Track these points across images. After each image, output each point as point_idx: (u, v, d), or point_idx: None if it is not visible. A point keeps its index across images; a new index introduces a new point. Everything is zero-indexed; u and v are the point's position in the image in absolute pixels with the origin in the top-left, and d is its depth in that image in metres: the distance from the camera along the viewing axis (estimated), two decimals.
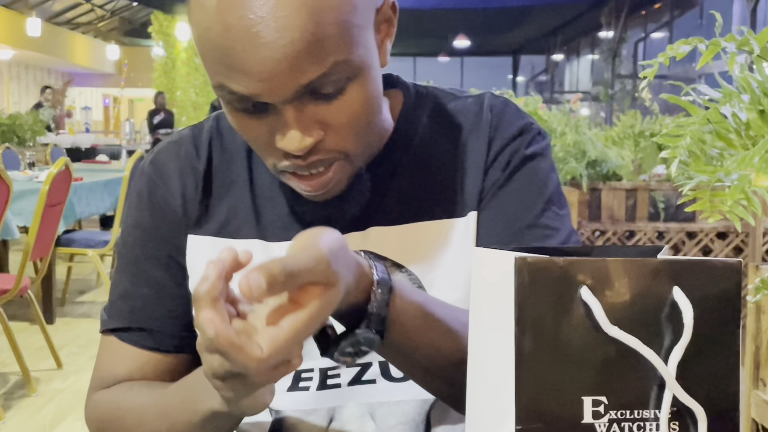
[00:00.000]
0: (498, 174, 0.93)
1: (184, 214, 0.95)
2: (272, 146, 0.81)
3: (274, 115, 0.79)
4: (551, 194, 0.94)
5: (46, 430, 3.24)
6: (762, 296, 1.22)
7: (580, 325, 0.57)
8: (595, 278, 0.57)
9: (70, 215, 4.60)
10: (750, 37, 1.06)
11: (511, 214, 0.92)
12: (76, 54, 22.47)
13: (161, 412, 0.86)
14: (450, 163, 0.95)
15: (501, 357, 0.58)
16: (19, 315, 4.75)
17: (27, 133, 9.00)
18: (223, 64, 0.76)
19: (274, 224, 0.94)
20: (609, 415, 0.57)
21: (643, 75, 1.18)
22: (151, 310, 0.95)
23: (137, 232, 0.97)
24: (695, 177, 1.09)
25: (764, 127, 1.12)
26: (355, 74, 0.78)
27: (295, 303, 0.65)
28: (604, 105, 15.97)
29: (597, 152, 4.00)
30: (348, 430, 0.93)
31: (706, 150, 1.14)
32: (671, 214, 3.94)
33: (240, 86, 0.76)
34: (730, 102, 1.15)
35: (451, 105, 0.98)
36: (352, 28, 0.76)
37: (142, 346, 0.95)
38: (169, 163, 0.97)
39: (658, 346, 0.58)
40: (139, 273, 0.96)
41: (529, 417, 0.56)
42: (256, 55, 0.73)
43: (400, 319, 0.75)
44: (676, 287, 0.58)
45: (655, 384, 0.58)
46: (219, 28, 0.74)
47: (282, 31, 0.72)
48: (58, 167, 3.82)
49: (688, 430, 0.59)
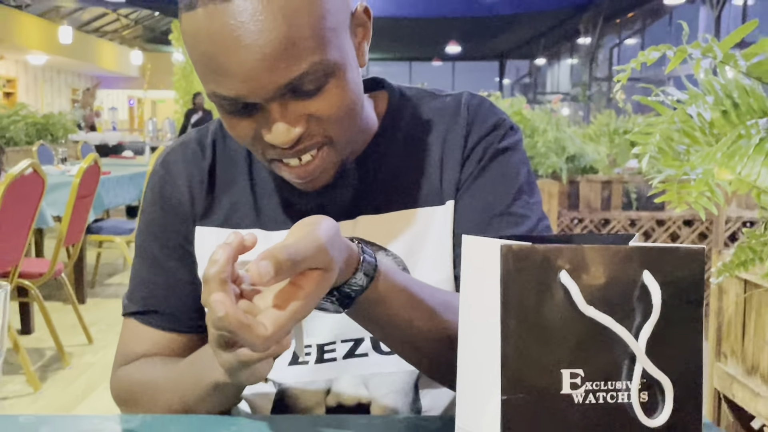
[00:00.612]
0: (473, 166, 0.94)
1: (191, 208, 0.96)
2: (262, 141, 0.82)
3: (261, 114, 0.80)
4: (522, 184, 0.94)
5: (79, 399, 3.25)
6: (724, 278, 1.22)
7: (560, 306, 0.57)
8: (573, 263, 0.57)
9: (99, 205, 4.60)
10: (714, 44, 1.06)
11: (485, 203, 0.92)
12: (104, 59, 22.40)
13: (173, 385, 0.88)
14: (431, 157, 0.95)
15: (488, 335, 0.58)
16: (54, 296, 4.75)
17: (59, 131, 8.98)
18: (211, 69, 0.77)
19: (272, 215, 0.95)
20: (585, 386, 0.57)
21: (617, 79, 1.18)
22: (165, 296, 0.97)
23: (152, 226, 0.98)
24: (664, 171, 1.09)
25: (726, 125, 1.12)
26: (333, 72, 0.79)
27: (295, 285, 0.66)
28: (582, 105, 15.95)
29: (575, 148, 4.00)
30: (344, 398, 0.93)
31: (674, 146, 1.14)
32: (642, 203, 3.95)
33: (227, 89, 0.77)
34: (696, 103, 1.15)
35: (431, 104, 0.98)
36: (325, 31, 0.77)
37: (158, 327, 0.96)
38: (177, 163, 0.98)
39: (629, 324, 0.58)
40: (154, 263, 0.98)
41: (513, 388, 0.56)
42: (237, 58, 0.74)
43: (384, 296, 0.75)
44: (646, 271, 0.59)
45: (627, 358, 0.58)
46: (205, 35, 0.75)
47: (260, 34, 0.73)
48: (88, 162, 3.82)
49: (657, 400, 0.59)
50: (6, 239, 2.90)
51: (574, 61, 19.53)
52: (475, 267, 0.61)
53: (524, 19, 17.92)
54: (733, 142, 1.06)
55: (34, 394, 3.25)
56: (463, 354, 0.63)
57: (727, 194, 1.05)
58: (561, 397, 0.57)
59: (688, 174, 1.04)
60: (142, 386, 0.93)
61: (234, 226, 0.95)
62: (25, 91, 19.59)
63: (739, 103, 1.12)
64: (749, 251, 1.18)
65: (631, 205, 3.95)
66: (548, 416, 0.57)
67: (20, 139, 7.79)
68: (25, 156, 5.74)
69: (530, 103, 5.57)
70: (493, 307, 0.57)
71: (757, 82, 1.11)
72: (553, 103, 4.98)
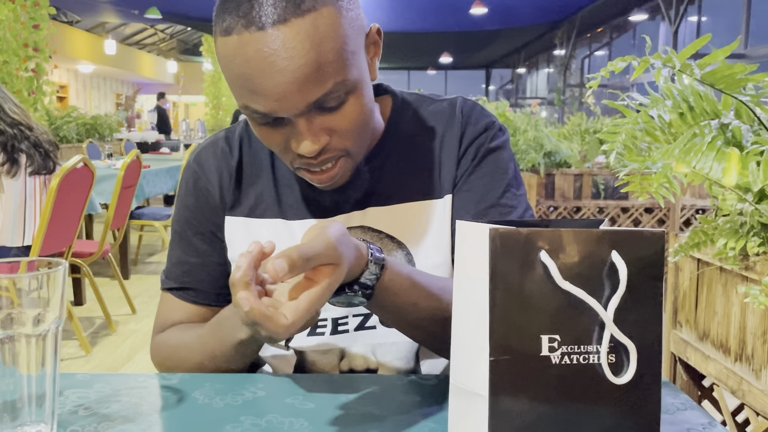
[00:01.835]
0: (468, 164, 0.93)
1: (221, 199, 0.96)
2: (289, 150, 0.82)
3: (289, 126, 0.79)
4: (510, 179, 0.94)
5: (124, 361, 3.26)
6: (680, 258, 1.22)
7: (540, 281, 0.57)
8: (551, 244, 0.57)
9: (141, 195, 4.60)
10: (672, 56, 1.06)
11: (479, 196, 0.92)
12: (144, 68, 22.34)
13: (202, 346, 0.88)
14: (430, 155, 0.95)
15: (478, 305, 0.58)
16: (102, 272, 4.76)
17: (106, 131, 8.97)
18: (245, 89, 0.76)
19: (292, 206, 0.94)
20: (561, 349, 0.58)
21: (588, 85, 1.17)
22: (197, 274, 0.97)
23: (186, 212, 0.98)
24: (629, 165, 1.09)
25: (683, 126, 1.12)
26: (353, 89, 0.79)
27: (310, 280, 0.67)
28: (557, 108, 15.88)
29: (552, 145, 3.99)
30: (356, 364, 0.94)
31: (638, 144, 1.14)
32: (609, 193, 3.94)
33: (260, 106, 0.76)
34: (657, 106, 1.15)
35: (429, 107, 0.98)
36: (347, 54, 0.76)
37: (191, 302, 0.97)
38: (209, 159, 0.98)
39: (599, 296, 0.58)
40: (188, 245, 0.98)
41: (500, 351, 0.57)
42: (271, 80, 0.74)
43: (390, 286, 0.76)
44: (614, 251, 0.59)
45: (597, 325, 0.59)
46: (241, 60, 0.74)
47: (291, 60, 0.73)
48: (131, 157, 3.82)
49: (622, 361, 0.59)
50: (61, 224, 2.91)
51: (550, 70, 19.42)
52: (467, 248, 0.61)
53: (507, 33, 17.84)
54: (689, 140, 1.06)
55: (85, 357, 3.26)
56: (457, 321, 0.63)
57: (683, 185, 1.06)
58: (540, 359, 0.57)
59: (649, 168, 1.04)
60: (176, 349, 0.93)
61: (259, 215, 0.95)
62: (76, 95, 19.54)
63: (694, 106, 1.12)
64: (701, 234, 1.18)
65: (599, 194, 3.94)
66: (530, 374, 0.57)
67: (72, 138, 7.79)
68: (76, 152, 5.75)
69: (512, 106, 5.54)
70: (483, 282, 0.57)
71: (710, 88, 1.10)
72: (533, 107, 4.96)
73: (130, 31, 21.46)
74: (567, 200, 3.92)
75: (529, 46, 20.15)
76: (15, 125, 2.69)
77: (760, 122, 1.09)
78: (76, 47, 17.15)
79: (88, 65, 18.75)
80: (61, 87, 18.07)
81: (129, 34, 21.60)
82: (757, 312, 1.11)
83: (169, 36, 23.56)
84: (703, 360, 1.30)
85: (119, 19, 17.97)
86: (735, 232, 1.11)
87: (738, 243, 1.09)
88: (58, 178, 2.76)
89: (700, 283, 1.32)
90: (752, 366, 1.14)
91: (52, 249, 2.90)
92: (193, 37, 22.83)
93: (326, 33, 0.74)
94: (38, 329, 0.62)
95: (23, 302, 0.61)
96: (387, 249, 0.92)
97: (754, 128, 1.10)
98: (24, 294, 0.61)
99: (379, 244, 0.92)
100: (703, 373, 1.32)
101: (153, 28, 21.65)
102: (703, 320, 1.31)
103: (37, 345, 0.62)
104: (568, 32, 15.89)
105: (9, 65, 5.96)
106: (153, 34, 22.69)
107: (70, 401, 0.75)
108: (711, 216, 1.22)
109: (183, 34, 23.02)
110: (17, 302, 0.61)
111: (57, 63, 16.35)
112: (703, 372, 1.31)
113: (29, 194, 2.78)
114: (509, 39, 18.98)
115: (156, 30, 22.11)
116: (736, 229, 1.11)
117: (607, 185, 3.92)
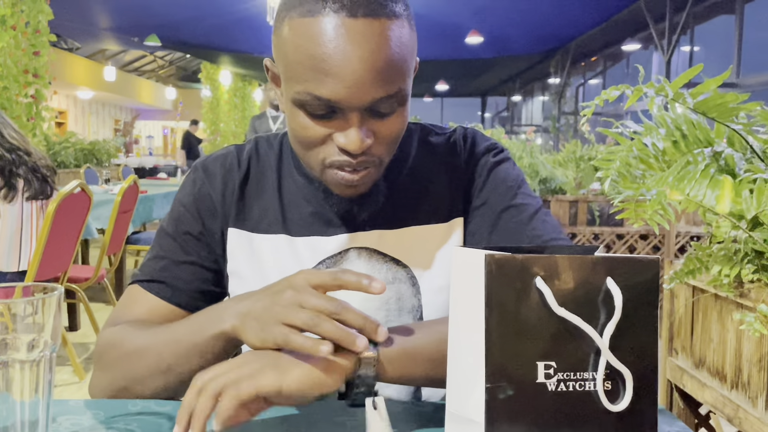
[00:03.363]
0: (476, 181, 0.95)
1: (221, 206, 0.94)
2: (328, 145, 0.81)
3: (339, 121, 0.79)
4: (519, 182, 0.96)
5: None
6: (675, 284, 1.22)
7: (535, 307, 0.57)
8: (546, 270, 0.58)
9: (137, 220, 4.59)
10: (665, 85, 1.07)
11: (492, 203, 0.94)
12: (142, 94, 22.46)
13: (155, 341, 0.80)
14: (435, 181, 0.96)
15: (474, 331, 0.58)
16: (97, 297, 4.73)
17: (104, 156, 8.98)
18: (317, 70, 0.76)
19: (297, 223, 0.93)
20: (557, 376, 0.58)
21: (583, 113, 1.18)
22: (176, 271, 0.92)
23: (180, 210, 0.95)
24: (623, 192, 1.10)
25: (677, 154, 1.13)
26: (403, 101, 0.81)
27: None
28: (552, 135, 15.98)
29: (547, 172, 4.01)
30: None
31: (632, 171, 1.15)
32: (604, 220, 3.95)
33: (326, 90, 0.76)
34: (650, 134, 1.16)
35: (433, 138, 0.99)
36: (410, 67, 0.80)
37: (161, 296, 0.91)
38: (216, 167, 0.97)
39: (595, 323, 0.58)
40: (172, 242, 0.94)
41: (496, 377, 0.57)
42: (350, 66, 0.75)
43: (388, 369, 0.73)
44: (609, 278, 0.59)
45: (593, 352, 0.58)
46: (323, 39, 0.75)
47: (372, 53, 0.75)
48: (128, 182, 3.82)
49: (618, 388, 0.59)
50: (57, 249, 2.90)
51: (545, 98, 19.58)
52: (463, 274, 0.61)
53: (503, 61, 18.01)
54: (683, 168, 1.07)
55: (79, 383, 3.22)
56: (453, 348, 0.63)
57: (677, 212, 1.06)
58: (536, 386, 0.57)
59: (644, 195, 1.05)
60: (121, 342, 0.84)
61: (263, 231, 0.94)
62: (75, 121, 19.60)
63: (687, 134, 1.13)
64: (696, 261, 1.18)
65: (594, 221, 3.95)
66: (526, 402, 0.57)
67: (70, 162, 7.79)
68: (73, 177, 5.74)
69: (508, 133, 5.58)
70: (479, 308, 0.57)
71: (702, 116, 1.11)
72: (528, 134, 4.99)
73: (129, 58, 21.61)
74: (562, 226, 3.93)
75: (525, 74, 20.33)
76: (13, 150, 2.69)
77: (753, 150, 1.10)
78: (76, 74, 17.25)
79: (87, 91, 18.83)
80: (60, 113, 18.13)
81: (128, 60, 21.75)
82: (753, 339, 1.10)
83: (168, 63, 23.73)
84: (699, 387, 1.29)
85: (119, 46, 18.10)
86: (729, 259, 1.11)
87: (732, 270, 1.09)
88: (55, 203, 2.76)
89: (696, 310, 1.32)
90: (748, 394, 1.14)
91: (47, 274, 2.89)
92: (192, 63, 22.98)
93: (403, 41, 0.78)
94: (32, 355, 0.61)
95: (18, 327, 0.61)
96: (391, 271, 0.92)
97: (746, 156, 1.11)
98: (19, 319, 0.61)
99: (383, 266, 0.92)
100: (699, 400, 1.31)
101: (152, 55, 21.80)
102: (699, 347, 1.30)
103: (30, 371, 0.61)
104: (563, 61, 16.05)
105: (9, 91, 5.98)
106: (152, 60, 22.84)
107: (63, 428, 0.74)
108: (705, 243, 1.22)
109: (182, 61, 23.18)
110: (12, 327, 0.60)
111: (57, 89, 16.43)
112: (700, 399, 1.30)
113: (26, 219, 2.78)
114: (505, 67, 19.16)
115: (155, 57, 22.27)
116: (731, 256, 1.11)
117: (603, 212, 3.93)
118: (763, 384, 1.09)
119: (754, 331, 0.98)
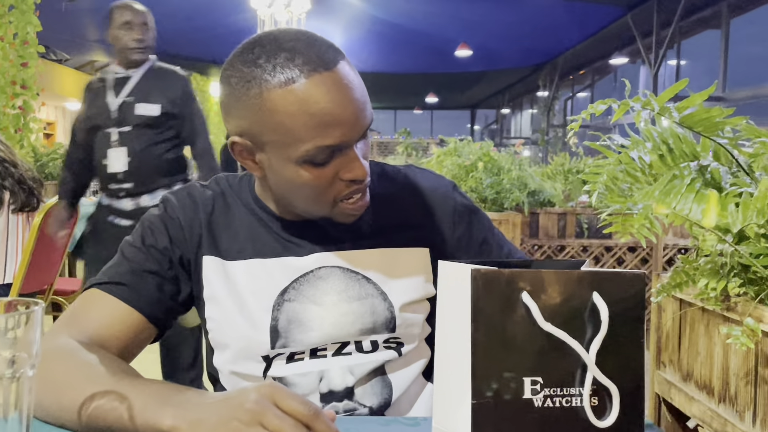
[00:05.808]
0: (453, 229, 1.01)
1: (189, 233, 0.95)
2: (336, 183, 0.87)
3: (340, 158, 0.85)
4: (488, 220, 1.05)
5: None
6: (662, 298, 1.22)
7: (522, 322, 0.57)
8: (533, 285, 0.57)
9: None
10: (652, 99, 1.07)
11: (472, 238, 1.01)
12: None
13: (108, 396, 0.72)
14: (393, 210, 1.00)
15: (460, 347, 0.57)
16: None
17: None
18: (323, 125, 0.81)
19: (268, 245, 0.95)
20: (544, 391, 0.57)
21: (570, 126, 1.19)
22: (139, 276, 0.91)
23: (147, 225, 0.96)
24: (611, 205, 1.10)
25: (663, 167, 1.13)
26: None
27: None
28: (541, 148, 16.07)
29: (535, 185, 4.02)
30: (334, 384, 0.94)
31: (619, 184, 1.15)
32: (593, 232, 3.96)
33: (333, 138, 0.82)
34: (637, 148, 1.16)
35: (388, 170, 1.05)
36: None
37: (122, 298, 0.88)
38: (183, 196, 0.98)
39: (581, 338, 0.58)
40: (137, 251, 0.93)
41: (482, 393, 0.56)
42: (350, 108, 0.82)
43: None
44: (595, 293, 0.59)
45: (579, 367, 0.58)
46: (318, 97, 0.80)
47: (357, 89, 0.84)
48: None
49: (605, 404, 0.59)
50: (43, 261, 2.87)
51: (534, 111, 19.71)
52: (449, 288, 0.61)
53: (492, 75, 18.14)
54: (669, 182, 1.07)
55: None
56: (439, 364, 0.62)
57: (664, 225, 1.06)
58: (523, 401, 0.57)
59: (631, 208, 1.05)
60: (65, 368, 0.77)
61: (234, 258, 0.95)
62: (63, 133, 19.51)
63: (673, 148, 1.13)
64: (683, 275, 1.19)
65: (583, 233, 3.97)
66: (512, 418, 0.56)
67: (57, 174, 7.74)
68: None
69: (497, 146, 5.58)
70: (465, 323, 0.57)
71: (688, 130, 1.12)
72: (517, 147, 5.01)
73: None
74: (551, 239, 3.94)
75: (513, 87, 20.47)
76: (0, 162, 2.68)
77: (738, 164, 1.10)
78: (65, 85, 17.20)
79: (75, 103, 18.75)
80: (48, 124, 18.05)
81: None
82: (740, 353, 1.10)
83: None
84: (687, 401, 1.29)
85: (108, 57, 18.06)
86: (716, 272, 1.11)
87: (719, 284, 1.09)
88: (41, 215, 2.73)
89: (683, 324, 1.32)
90: (736, 407, 1.14)
91: (33, 287, 2.86)
92: None
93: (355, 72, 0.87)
94: (12, 371, 0.60)
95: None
96: (364, 288, 0.94)
97: (732, 170, 1.11)
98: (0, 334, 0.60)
99: (356, 283, 0.94)
100: (687, 414, 1.31)
101: None
102: (686, 361, 1.30)
103: (10, 387, 0.60)
104: (551, 74, 16.17)
105: None
106: None
107: None
108: (692, 256, 1.22)
109: None
110: None
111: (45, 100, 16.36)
112: (688, 413, 1.30)
113: (11, 231, 2.75)
114: (494, 80, 19.28)
115: None
116: (717, 269, 1.11)
117: (591, 224, 3.95)
118: (750, 398, 1.09)
119: (741, 345, 0.98)
